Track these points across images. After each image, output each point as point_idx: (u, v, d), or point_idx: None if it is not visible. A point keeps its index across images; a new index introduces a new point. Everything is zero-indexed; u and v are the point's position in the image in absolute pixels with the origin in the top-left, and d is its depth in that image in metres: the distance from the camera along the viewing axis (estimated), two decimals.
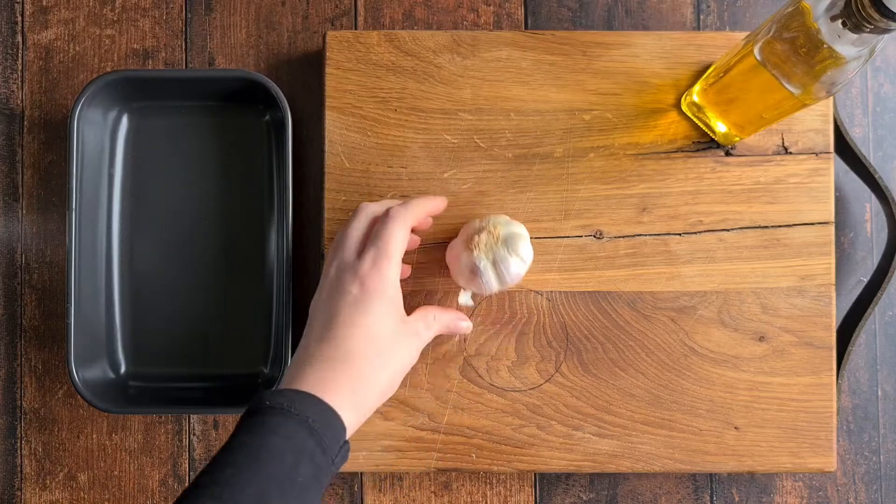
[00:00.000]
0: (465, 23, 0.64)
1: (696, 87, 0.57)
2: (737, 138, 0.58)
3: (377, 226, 0.51)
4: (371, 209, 0.53)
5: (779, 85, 0.47)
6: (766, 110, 0.52)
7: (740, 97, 0.53)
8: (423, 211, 0.53)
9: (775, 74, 0.47)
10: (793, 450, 0.58)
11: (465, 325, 0.56)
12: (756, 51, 0.47)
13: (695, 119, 0.59)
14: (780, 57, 0.46)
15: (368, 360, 0.48)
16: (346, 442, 0.46)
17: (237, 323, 0.62)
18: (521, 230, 0.54)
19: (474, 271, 0.53)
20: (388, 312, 0.49)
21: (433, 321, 0.52)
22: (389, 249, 0.49)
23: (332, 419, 0.45)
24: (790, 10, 0.44)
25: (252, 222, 0.62)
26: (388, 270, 0.49)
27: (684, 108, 0.59)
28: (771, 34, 0.46)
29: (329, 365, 0.47)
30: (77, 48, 0.64)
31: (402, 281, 0.51)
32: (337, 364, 0.47)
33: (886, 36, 0.41)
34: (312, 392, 0.45)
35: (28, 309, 0.63)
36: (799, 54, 0.45)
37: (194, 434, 0.62)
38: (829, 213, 0.59)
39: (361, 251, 0.51)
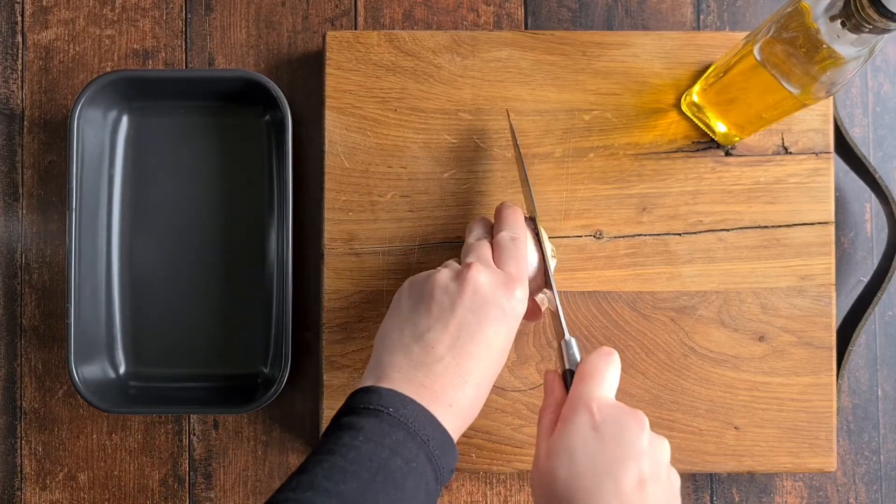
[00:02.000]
0: (465, 23, 0.64)
1: (696, 87, 0.57)
2: (737, 138, 0.58)
3: (511, 247, 0.49)
4: (484, 223, 0.52)
5: (779, 85, 0.47)
6: (765, 110, 0.52)
7: (740, 97, 0.53)
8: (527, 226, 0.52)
9: (775, 74, 0.47)
10: (793, 450, 0.58)
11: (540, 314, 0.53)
12: (756, 51, 0.47)
13: (695, 119, 0.59)
14: (780, 57, 0.46)
15: (487, 383, 0.46)
16: (457, 456, 0.44)
17: (237, 323, 0.62)
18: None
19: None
20: (511, 332, 0.47)
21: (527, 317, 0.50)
22: (524, 269, 0.48)
23: (449, 448, 0.43)
24: (790, 10, 0.44)
25: (252, 222, 0.62)
26: (526, 291, 0.48)
27: (684, 108, 0.59)
28: (771, 34, 0.46)
29: (457, 381, 0.44)
30: (77, 48, 0.64)
31: None
32: (465, 384, 0.44)
33: (886, 36, 0.41)
34: (435, 412, 0.42)
35: (28, 309, 0.63)
36: (799, 54, 0.45)
37: (194, 434, 0.62)
38: (829, 213, 0.59)
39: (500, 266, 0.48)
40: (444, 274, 0.48)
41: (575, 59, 0.60)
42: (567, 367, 0.48)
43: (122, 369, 0.62)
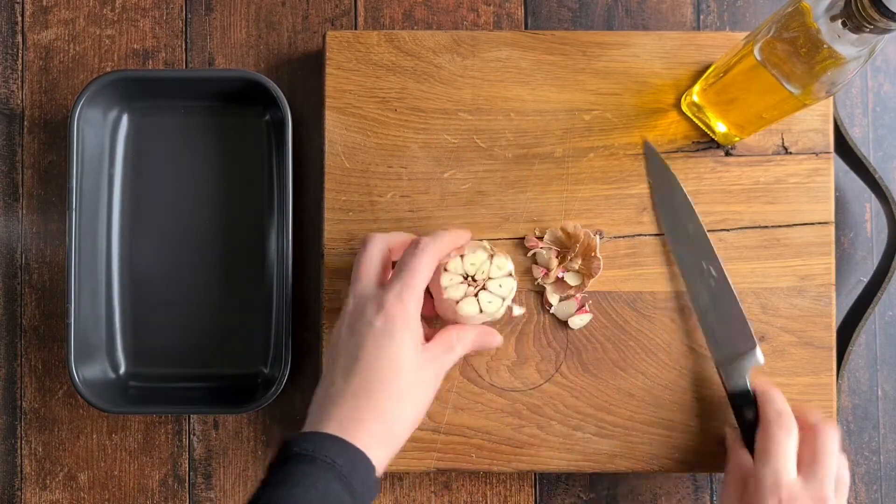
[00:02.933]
0: (465, 23, 0.64)
1: (696, 87, 0.57)
2: (737, 138, 0.58)
3: (405, 257, 0.50)
4: (384, 240, 0.52)
5: (779, 85, 0.47)
6: (766, 110, 0.52)
7: (740, 97, 0.53)
8: (451, 245, 0.52)
9: (775, 74, 0.47)
10: None
11: (496, 339, 0.54)
12: (756, 51, 0.47)
13: (695, 119, 0.59)
14: (780, 57, 0.46)
15: (395, 393, 0.47)
16: (377, 480, 0.46)
17: (237, 323, 0.62)
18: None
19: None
20: (412, 344, 0.48)
21: (456, 342, 0.51)
22: (416, 282, 0.49)
23: (360, 462, 0.45)
24: (790, 10, 0.44)
25: (252, 222, 0.62)
26: (412, 302, 0.49)
27: (684, 108, 0.59)
28: (771, 34, 0.46)
29: (354, 403, 0.46)
30: (77, 48, 0.64)
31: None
32: (362, 401, 0.46)
33: (886, 36, 0.41)
34: (339, 434, 0.45)
35: (28, 309, 0.63)
36: (799, 54, 0.45)
37: (194, 434, 0.62)
38: (829, 213, 0.59)
39: (382, 282, 0.50)
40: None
41: (575, 59, 0.60)
42: (729, 389, 0.53)
43: (122, 369, 0.62)
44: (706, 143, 0.59)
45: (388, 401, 0.47)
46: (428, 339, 0.51)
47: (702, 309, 0.57)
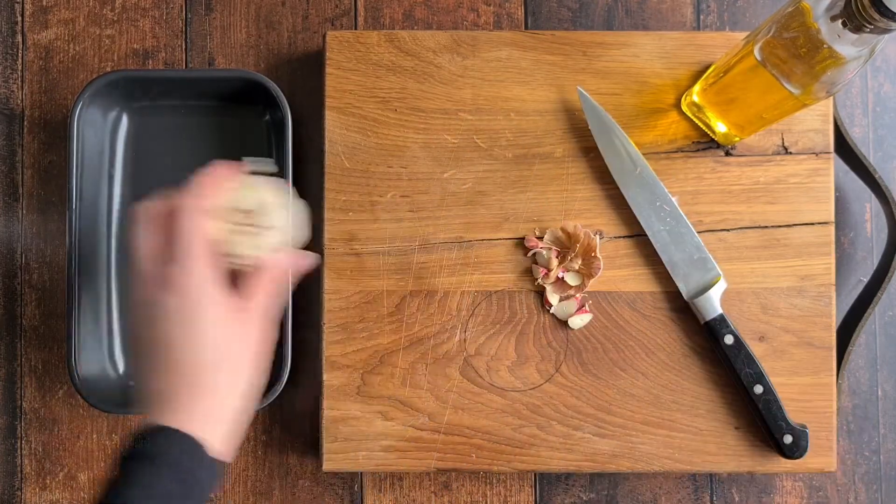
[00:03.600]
0: (465, 23, 0.64)
1: (696, 87, 0.57)
2: (737, 138, 0.58)
3: (174, 225, 0.46)
4: (149, 212, 0.48)
5: (779, 85, 0.47)
6: (766, 110, 0.52)
7: (740, 97, 0.53)
8: (211, 188, 0.48)
9: (775, 74, 0.47)
10: None
11: (304, 261, 0.52)
12: (756, 51, 0.47)
13: (695, 119, 0.59)
14: (780, 57, 0.46)
15: (208, 367, 0.46)
16: (212, 459, 0.45)
17: None
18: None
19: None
20: (216, 311, 0.46)
21: (257, 287, 0.48)
22: (194, 246, 0.46)
23: (186, 444, 0.44)
24: (790, 10, 0.44)
25: None
26: (200, 269, 0.46)
27: (684, 108, 0.59)
28: (771, 34, 0.46)
29: (174, 389, 0.45)
30: (77, 48, 0.64)
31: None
32: (182, 386, 0.45)
33: (886, 36, 0.41)
34: (165, 423, 0.44)
35: (28, 309, 0.63)
36: (799, 54, 0.45)
37: None
38: (829, 213, 0.59)
39: (163, 259, 0.47)
40: None
41: (575, 59, 0.60)
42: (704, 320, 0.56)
43: (122, 369, 0.62)
44: (706, 143, 0.59)
45: (210, 378, 0.46)
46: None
47: (663, 247, 0.58)
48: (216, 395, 0.46)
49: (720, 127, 0.57)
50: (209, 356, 0.46)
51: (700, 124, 0.59)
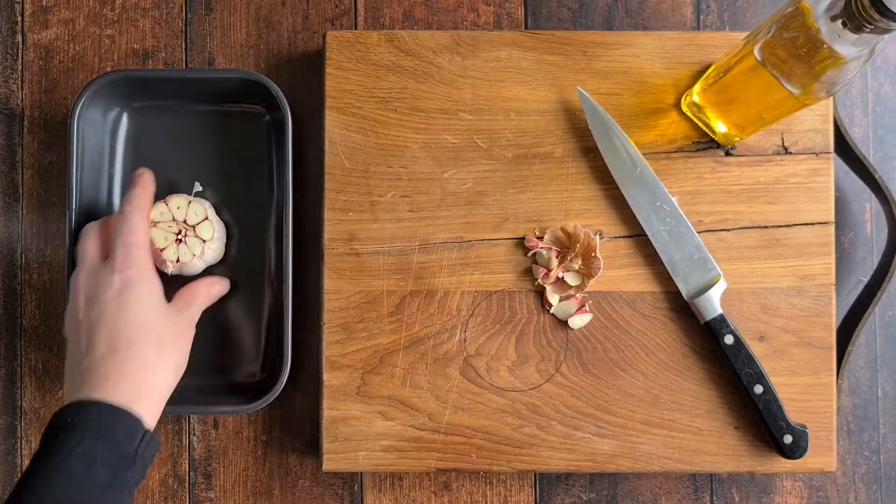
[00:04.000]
0: (465, 23, 0.64)
1: (696, 87, 0.57)
2: (737, 138, 0.58)
3: (117, 225, 0.53)
4: (95, 224, 0.55)
5: (779, 85, 0.47)
6: (766, 110, 0.52)
7: (740, 97, 0.53)
8: (148, 195, 0.55)
9: (775, 74, 0.47)
10: None
11: (216, 289, 0.58)
12: (756, 51, 0.47)
13: (695, 119, 0.59)
14: (780, 57, 0.46)
15: (146, 344, 0.50)
16: (148, 432, 0.48)
17: (236, 323, 0.61)
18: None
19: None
20: (153, 296, 0.52)
21: (190, 296, 0.55)
22: (137, 238, 0.52)
23: (119, 417, 0.46)
24: (790, 10, 0.44)
25: (252, 222, 0.62)
26: (142, 258, 0.52)
27: (684, 108, 0.59)
28: (771, 34, 0.46)
29: (107, 363, 0.48)
30: (77, 48, 0.64)
31: None
32: (116, 360, 0.49)
33: (886, 36, 0.41)
34: (97, 397, 0.47)
35: (28, 309, 0.63)
36: (799, 54, 0.45)
37: (194, 434, 0.62)
38: (829, 213, 0.59)
39: (107, 255, 0.53)
40: None
41: (575, 59, 0.60)
42: (705, 320, 0.57)
43: None
44: (706, 143, 0.59)
45: (142, 352, 0.49)
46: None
47: (663, 247, 0.58)
48: (146, 366, 0.50)
49: (720, 127, 0.57)
50: (140, 326, 0.50)
51: (700, 124, 0.59)
